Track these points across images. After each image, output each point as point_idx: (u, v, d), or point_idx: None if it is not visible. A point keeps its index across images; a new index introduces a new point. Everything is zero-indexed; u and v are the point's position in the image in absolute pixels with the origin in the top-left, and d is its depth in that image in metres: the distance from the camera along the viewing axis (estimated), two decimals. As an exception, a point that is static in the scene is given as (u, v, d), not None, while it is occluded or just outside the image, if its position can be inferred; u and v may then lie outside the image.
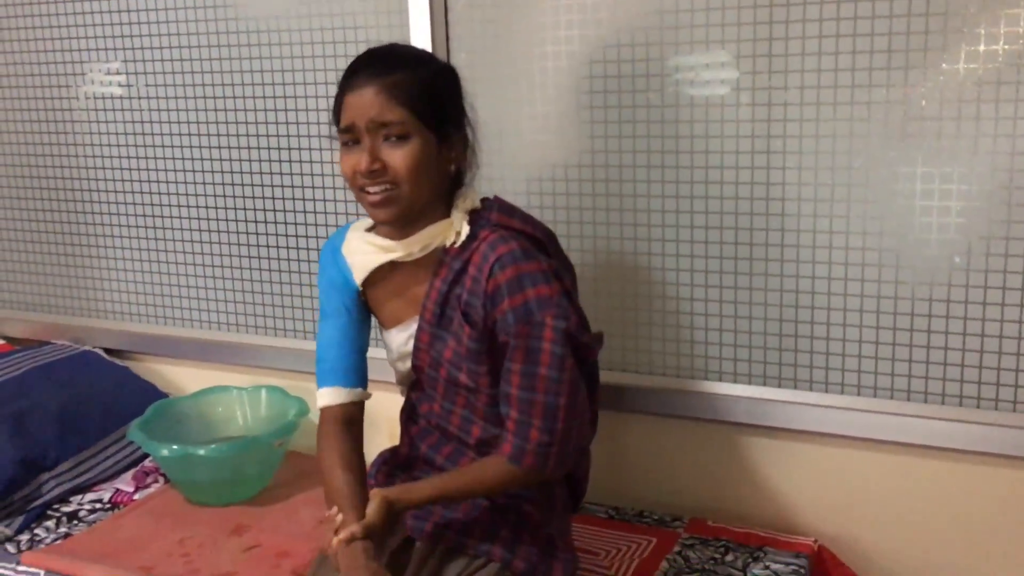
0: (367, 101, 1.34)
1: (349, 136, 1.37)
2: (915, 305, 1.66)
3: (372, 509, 1.33)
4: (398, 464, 1.57)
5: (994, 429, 1.63)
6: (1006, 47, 1.52)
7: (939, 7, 1.55)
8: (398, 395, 1.60)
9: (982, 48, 1.54)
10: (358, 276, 1.50)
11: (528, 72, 1.86)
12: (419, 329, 1.46)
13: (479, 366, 1.40)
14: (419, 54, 1.47)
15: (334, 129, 1.42)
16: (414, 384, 1.54)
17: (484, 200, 1.48)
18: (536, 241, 1.46)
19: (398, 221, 1.41)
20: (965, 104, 1.57)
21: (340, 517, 1.38)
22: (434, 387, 1.49)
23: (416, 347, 1.47)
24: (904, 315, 1.67)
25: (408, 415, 1.58)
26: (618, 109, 1.80)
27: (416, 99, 1.36)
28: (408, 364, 1.51)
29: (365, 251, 1.48)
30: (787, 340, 1.77)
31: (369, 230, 1.52)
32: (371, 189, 1.37)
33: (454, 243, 1.42)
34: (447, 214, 1.44)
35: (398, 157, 1.35)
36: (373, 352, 1.57)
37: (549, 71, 1.84)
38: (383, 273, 1.48)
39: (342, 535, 1.31)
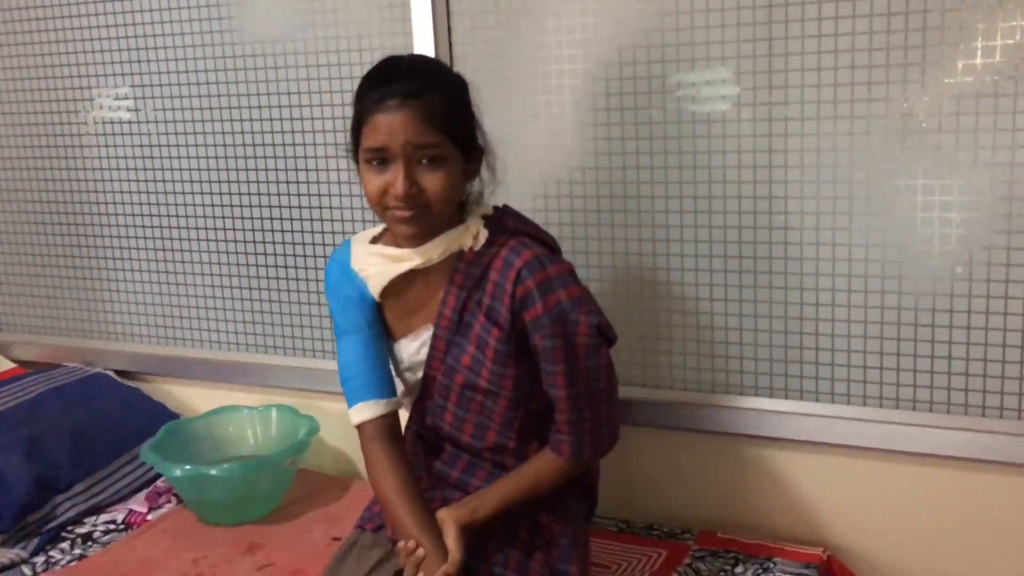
0: (403, 124, 1.32)
1: (376, 155, 1.35)
2: (919, 315, 1.68)
3: (454, 542, 1.35)
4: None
5: (1000, 437, 1.64)
6: (1002, 60, 1.54)
7: (935, 21, 1.57)
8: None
9: (979, 61, 1.56)
10: (375, 289, 1.48)
11: (531, 91, 1.88)
12: (435, 336, 1.46)
13: (505, 369, 1.41)
14: (441, 69, 1.45)
15: (344, 142, 1.40)
16: (421, 395, 1.54)
17: (495, 208, 1.49)
18: (550, 247, 1.48)
19: (424, 237, 1.41)
20: (964, 116, 1.58)
21: (421, 551, 1.36)
22: (446, 396, 1.48)
23: (430, 355, 1.48)
24: (908, 325, 1.69)
25: (416, 432, 1.58)
26: (620, 126, 1.82)
27: (450, 122, 1.36)
28: (419, 374, 1.51)
29: (379, 263, 1.47)
30: (793, 352, 1.78)
31: (374, 241, 1.51)
32: (402, 212, 1.36)
33: (471, 247, 1.42)
34: (461, 219, 1.44)
35: (435, 181, 1.35)
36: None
37: (552, 89, 1.86)
38: (395, 284, 1.47)
39: None
